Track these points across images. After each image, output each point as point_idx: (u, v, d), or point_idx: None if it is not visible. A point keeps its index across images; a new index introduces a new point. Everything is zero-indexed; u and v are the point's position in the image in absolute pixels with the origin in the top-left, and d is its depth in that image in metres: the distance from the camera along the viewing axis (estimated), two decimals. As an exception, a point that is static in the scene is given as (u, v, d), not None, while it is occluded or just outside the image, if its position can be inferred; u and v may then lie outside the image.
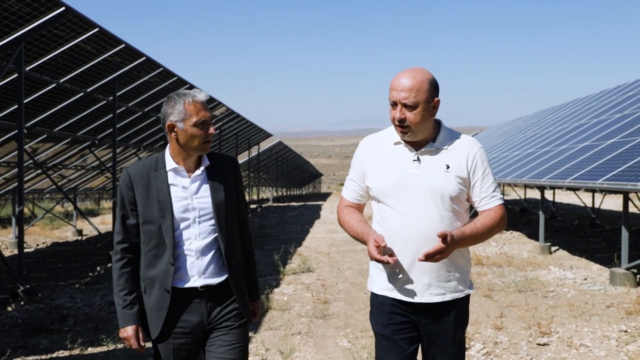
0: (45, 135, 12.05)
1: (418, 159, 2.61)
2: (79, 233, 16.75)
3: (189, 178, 2.69)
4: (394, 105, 2.55)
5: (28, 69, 8.81)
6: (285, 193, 50.41)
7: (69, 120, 12.09)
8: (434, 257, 2.45)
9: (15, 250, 13.24)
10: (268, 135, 27.90)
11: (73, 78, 10.02)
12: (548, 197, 24.94)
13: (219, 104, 16.07)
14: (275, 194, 44.99)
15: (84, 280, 9.42)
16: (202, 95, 2.63)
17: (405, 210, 2.58)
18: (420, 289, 2.59)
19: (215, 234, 2.68)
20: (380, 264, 2.62)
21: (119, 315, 2.67)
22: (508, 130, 23.56)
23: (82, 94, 10.84)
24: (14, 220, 14.72)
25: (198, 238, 2.65)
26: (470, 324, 5.86)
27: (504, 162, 15.76)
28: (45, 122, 11.25)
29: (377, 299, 2.71)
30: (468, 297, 2.72)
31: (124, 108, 12.93)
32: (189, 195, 2.67)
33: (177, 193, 2.66)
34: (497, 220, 2.63)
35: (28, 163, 12.78)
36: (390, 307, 2.65)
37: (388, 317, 2.65)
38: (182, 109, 2.59)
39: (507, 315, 6.49)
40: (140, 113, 14.01)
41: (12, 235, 15.14)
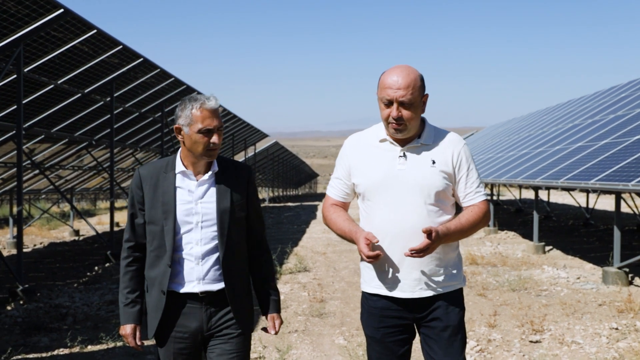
0: (43, 136, 12.10)
1: (404, 155, 2.64)
2: (76, 233, 16.78)
3: (196, 182, 2.66)
4: (389, 104, 2.57)
5: (26, 70, 8.87)
6: (282, 193, 50.41)
7: (67, 121, 12.14)
8: (420, 252, 2.48)
9: (13, 251, 13.26)
10: (264, 136, 27.95)
11: (71, 79, 10.08)
12: (543, 197, 25.08)
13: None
14: (272, 195, 44.98)
15: (82, 280, 9.48)
16: (212, 103, 2.58)
17: (393, 206, 2.60)
18: (411, 285, 2.61)
19: (217, 241, 2.63)
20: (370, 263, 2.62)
21: (121, 313, 2.69)
22: (503, 131, 23.67)
23: (79, 95, 10.90)
24: (11, 221, 14.75)
25: (199, 243, 2.62)
26: (465, 322, 5.94)
27: (499, 162, 15.84)
28: (43, 122, 11.30)
29: (367, 302, 2.72)
30: (461, 290, 2.73)
31: (121, 109, 13.00)
32: (194, 200, 2.63)
33: (182, 196, 2.64)
34: (481, 216, 2.68)
35: (25, 163, 12.82)
36: (381, 310, 2.66)
37: (379, 320, 2.67)
38: (189, 114, 2.58)
39: (500, 314, 6.58)
40: (138, 114, 14.07)
41: (9, 236, 15.14)
